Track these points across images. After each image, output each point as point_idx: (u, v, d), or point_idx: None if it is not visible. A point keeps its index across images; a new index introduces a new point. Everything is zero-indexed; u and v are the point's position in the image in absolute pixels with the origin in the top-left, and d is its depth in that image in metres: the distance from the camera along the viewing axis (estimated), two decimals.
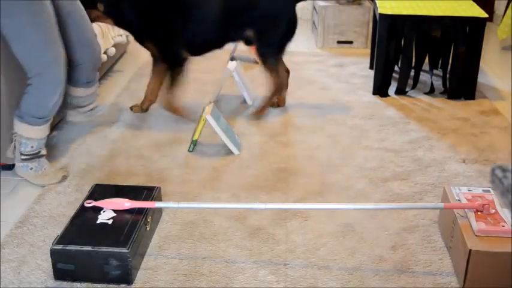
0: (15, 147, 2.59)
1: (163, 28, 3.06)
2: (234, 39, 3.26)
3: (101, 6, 3.01)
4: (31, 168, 2.58)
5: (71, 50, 2.74)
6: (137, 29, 3.12)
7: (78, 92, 2.95)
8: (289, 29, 3.21)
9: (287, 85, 3.48)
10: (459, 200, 2.13)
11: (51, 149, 2.91)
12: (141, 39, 3.18)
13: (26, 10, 2.36)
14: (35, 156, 2.58)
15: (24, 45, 2.41)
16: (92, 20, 2.97)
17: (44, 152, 2.63)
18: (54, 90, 2.51)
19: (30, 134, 2.54)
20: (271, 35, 3.19)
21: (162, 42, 3.11)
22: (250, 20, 3.12)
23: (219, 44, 3.25)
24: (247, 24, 3.13)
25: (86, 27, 2.85)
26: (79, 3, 2.83)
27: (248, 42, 3.26)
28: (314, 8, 5.20)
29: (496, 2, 5.38)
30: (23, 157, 2.57)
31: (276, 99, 3.46)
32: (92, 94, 3.03)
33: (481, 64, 3.70)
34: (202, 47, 3.23)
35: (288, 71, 3.45)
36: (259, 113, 3.34)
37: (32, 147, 2.55)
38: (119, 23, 3.13)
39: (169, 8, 3.04)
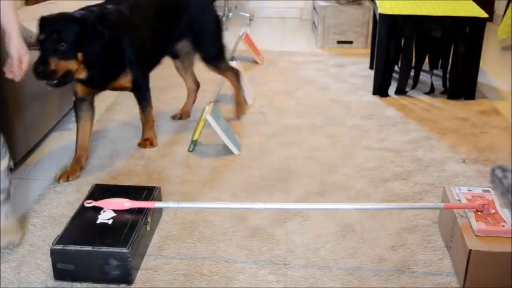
0: None
1: (142, 58, 2.81)
2: (168, 53, 3.14)
3: (80, 56, 2.43)
4: None
5: None
6: (114, 69, 2.71)
7: None
8: (217, 27, 3.17)
9: (195, 99, 3.39)
10: (459, 200, 2.13)
11: (52, 151, 2.92)
12: (114, 78, 2.74)
13: None
14: None
15: None
16: (68, 80, 2.44)
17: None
18: None
19: None
20: (207, 37, 3.13)
21: (141, 71, 2.85)
22: (187, 27, 3.03)
23: (160, 62, 3.09)
24: (185, 33, 3.04)
25: None
26: None
27: (174, 56, 3.22)
28: (314, 8, 5.20)
29: (496, 2, 5.38)
30: None
31: (180, 111, 3.36)
32: None
33: (481, 64, 3.70)
34: (151, 68, 3.03)
35: (198, 84, 3.37)
36: (238, 114, 3.32)
37: None
38: (94, 71, 2.56)
39: (145, 34, 2.83)
